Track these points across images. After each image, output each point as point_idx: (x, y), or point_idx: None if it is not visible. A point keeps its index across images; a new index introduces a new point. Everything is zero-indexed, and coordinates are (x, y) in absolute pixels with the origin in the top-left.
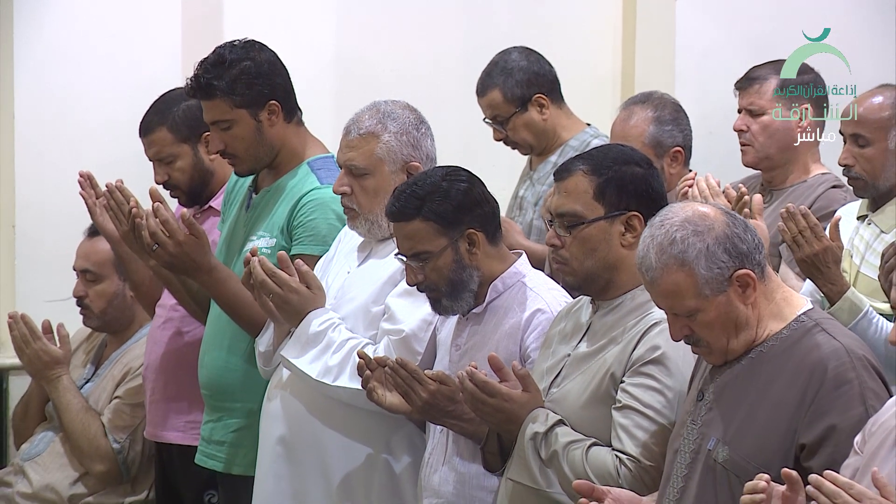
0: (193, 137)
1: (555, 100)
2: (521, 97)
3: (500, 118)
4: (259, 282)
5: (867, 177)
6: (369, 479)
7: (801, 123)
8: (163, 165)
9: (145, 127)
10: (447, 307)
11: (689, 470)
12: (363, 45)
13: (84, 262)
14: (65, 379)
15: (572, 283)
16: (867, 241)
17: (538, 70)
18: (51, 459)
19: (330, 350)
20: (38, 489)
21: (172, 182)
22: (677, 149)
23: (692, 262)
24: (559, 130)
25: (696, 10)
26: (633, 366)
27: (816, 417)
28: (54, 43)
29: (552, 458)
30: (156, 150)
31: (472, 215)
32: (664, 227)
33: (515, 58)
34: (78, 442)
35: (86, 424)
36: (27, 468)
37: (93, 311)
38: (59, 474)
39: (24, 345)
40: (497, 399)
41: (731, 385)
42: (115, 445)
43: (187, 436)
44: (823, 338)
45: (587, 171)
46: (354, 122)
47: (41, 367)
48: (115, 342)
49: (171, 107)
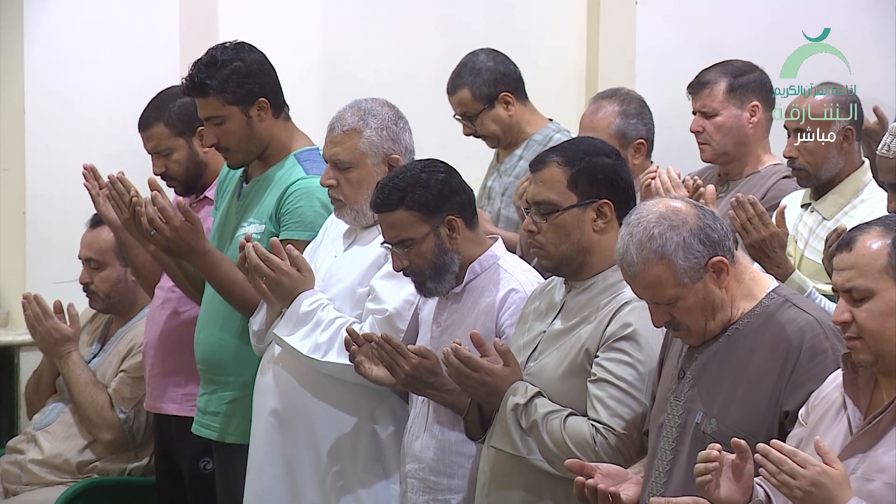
0: (188, 132)
1: (519, 97)
2: (489, 95)
3: (469, 115)
4: (253, 265)
5: (810, 168)
6: (355, 447)
7: (752, 119)
8: (160, 158)
9: (144, 122)
10: (431, 289)
11: (677, 444)
12: (346, 47)
13: (88, 251)
14: (74, 355)
15: (548, 265)
16: (810, 227)
17: (504, 70)
18: (61, 429)
19: (319, 328)
20: (49, 456)
21: (169, 173)
22: (640, 141)
23: (671, 255)
24: (524, 125)
25: (655, 14)
26: (607, 341)
27: (797, 386)
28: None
29: (532, 427)
30: (154, 144)
31: (450, 203)
32: (641, 223)
33: (483, 59)
34: (87, 413)
35: (94, 396)
36: (39, 437)
37: (98, 295)
38: (69, 442)
39: (36, 323)
40: (480, 373)
41: (711, 362)
42: (121, 416)
43: (184, 407)
44: (795, 312)
45: (561, 163)
46: (338, 119)
47: (52, 343)
48: (120, 321)
49: (167, 103)
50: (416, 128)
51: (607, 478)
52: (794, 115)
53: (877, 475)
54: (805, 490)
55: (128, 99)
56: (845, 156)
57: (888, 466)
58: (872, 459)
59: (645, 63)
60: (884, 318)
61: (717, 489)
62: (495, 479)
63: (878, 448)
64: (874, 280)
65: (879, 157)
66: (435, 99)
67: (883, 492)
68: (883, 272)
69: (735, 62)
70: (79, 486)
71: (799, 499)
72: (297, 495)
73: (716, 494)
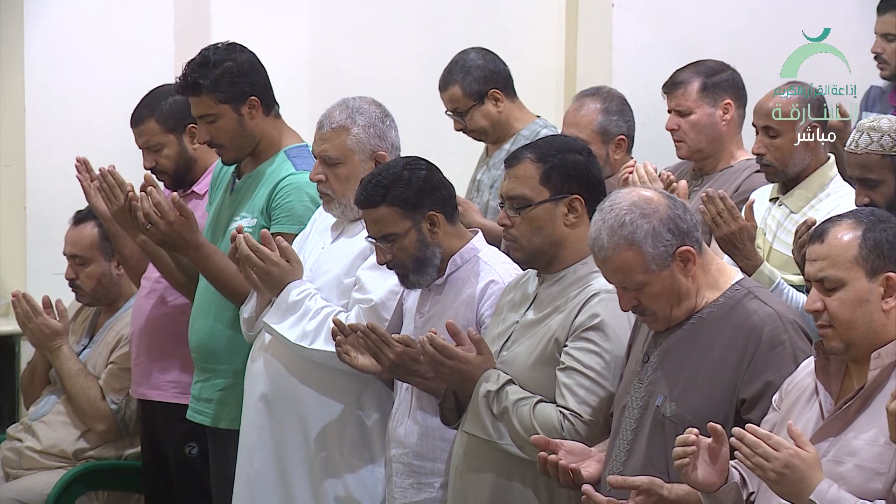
0: (179, 128)
1: (508, 94)
2: (479, 92)
3: (459, 111)
4: (244, 256)
5: (777, 164)
6: (342, 432)
7: (725, 117)
8: (151, 153)
9: (136, 118)
10: (414, 281)
11: (638, 424)
12: (334, 47)
13: (72, 247)
14: (65, 348)
15: (521, 258)
16: (778, 220)
17: (493, 68)
18: (56, 419)
19: (307, 317)
20: (47, 447)
21: (159, 168)
22: (621, 137)
23: (640, 242)
24: (512, 121)
25: (631, 15)
26: (576, 331)
27: (755, 375)
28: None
29: (503, 413)
30: (145, 139)
31: (431, 199)
32: (613, 210)
33: (473, 57)
34: (80, 404)
35: (86, 388)
36: (35, 427)
37: (84, 290)
38: (64, 432)
39: (26, 320)
40: (454, 361)
41: (675, 348)
42: (112, 406)
43: (168, 393)
44: (757, 304)
45: (534, 159)
46: (326, 116)
47: (43, 339)
48: (107, 313)
49: (159, 101)
50: (401, 124)
51: (570, 455)
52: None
53: (847, 458)
54: (778, 472)
55: (124, 97)
56: (811, 152)
57: (858, 450)
58: (843, 443)
59: (621, 62)
60: (854, 307)
61: (695, 472)
62: (468, 462)
63: (849, 432)
64: (845, 270)
65: (847, 153)
66: (420, 96)
67: (853, 474)
68: (853, 263)
69: (708, 62)
70: (76, 471)
71: (773, 480)
72: (285, 478)
73: (693, 477)
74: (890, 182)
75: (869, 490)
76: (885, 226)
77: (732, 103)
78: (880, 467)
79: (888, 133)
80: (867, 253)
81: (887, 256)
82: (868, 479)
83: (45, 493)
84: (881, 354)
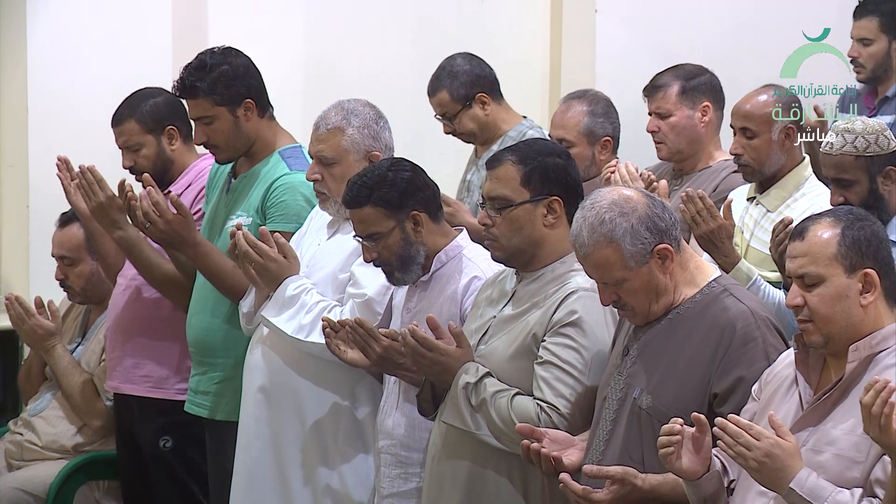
0: (158, 129)
1: (495, 97)
2: (466, 96)
3: (448, 114)
4: (242, 252)
5: (754, 164)
6: (336, 423)
7: (704, 119)
8: (130, 153)
9: (116, 118)
10: (399, 278)
11: (617, 415)
12: (328, 50)
13: (60, 249)
14: (59, 347)
15: (501, 257)
16: (756, 218)
17: (480, 73)
18: (53, 414)
19: (303, 311)
20: (47, 442)
21: (137, 167)
22: (607, 138)
23: (619, 239)
24: (499, 123)
25: (614, 20)
26: (553, 327)
27: (727, 370)
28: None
29: (481, 404)
30: (125, 139)
31: (415, 199)
32: (594, 208)
33: (460, 62)
34: (75, 401)
35: (80, 386)
36: (34, 422)
37: (74, 289)
38: (62, 427)
39: (20, 322)
40: (434, 353)
41: (653, 342)
42: (107, 403)
43: (142, 388)
44: (731, 301)
45: (515, 161)
46: (322, 118)
47: (37, 339)
48: (98, 310)
49: (140, 102)
50: (393, 125)
51: (554, 443)
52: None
53: (826, 447)
54: (759, 461)
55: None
56: (787, 153)
57: (836, 439)
58: (822, 433)
59: (604, 66)
60: (833, 303)
61: (679, 460)
62: (445, 451)
63: (828, 422)
64: (824, 267)
65: (822, 154)
66: (411, 98)
67: (831, 463)
68: (832, 260)
69: (686, 66)
70: (77, 461)
71: (754, 469)
72: (282, 467)
73: (677, 465)
74: (864, 182)
75: (847, 478)
76: (862, 224)
77: (711, 106)
78: (858, 456)
79: (862, 135)
80: (846, 250)
81: (865, 253)
82: (846, 467)
83: (47, 483)
84: (859, 348)
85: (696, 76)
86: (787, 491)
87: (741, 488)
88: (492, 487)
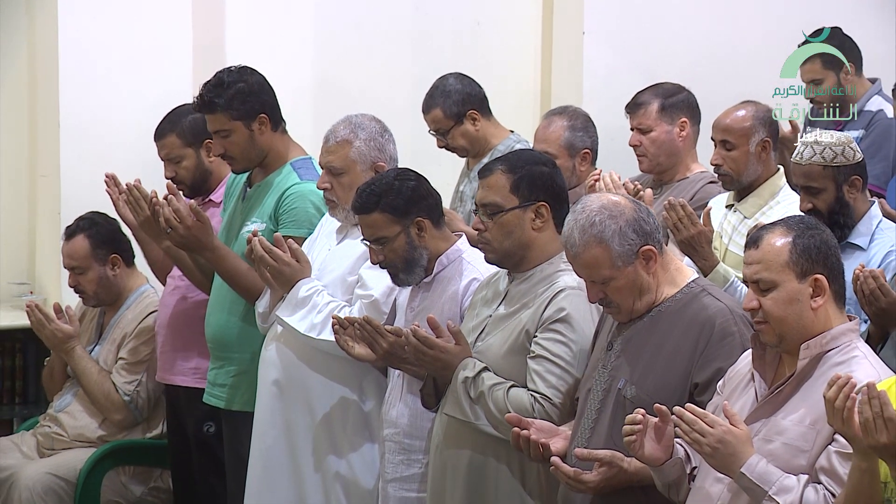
0: (197, 143)
1: (484, 114)
2: (458, 113)
3: (441, 130)
4: (259, 257)
5: (733, 174)
6: (345, 414)
7: (682, 133)
8: (171, 164)
9: (159, 133)
10: (403, 280)
11: (602, 405)
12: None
13: (69, 260)
14: (78, 349)
15: (493, 259)
16: (734, 224)
17: (470, 91)
18: (76, 410)
19: (315, 311)
20: (74, 435)
21: (178, 178)
22: (586, 150)
23: (608, 240)
24: (489, 138)
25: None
26: (544, 324)
27: (707, 362)
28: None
29: (480, 397)
30: (166, 152)
31: (419, 206)
32: (585, 212)
33: (452, 82)
34: (96, 398)
35: (100, 384)
36: (60, 418)
37: (88, 294)
38: (85, 421)
39: (41, 327)
40: (435, 350)
41: (636, 338)
42: (125, 398)
43: (190, 379)
44: (710, 300)
45: (505, 170)
46: (332, 131)
47: (57, 342)
48: (111, 311)
49: (180, 118)
50: (397, 137)
51: (541, 431)
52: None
53: (776, 437)
54: (713, 446)
55: (148, 114)
56: (763, 164)
57: (786, 429)
58: (773, 423)
59: (591, 84)
60: (786, 306)
61: (642, 448)
62: (447, 440)
63: (779, 414)
64: (777, 273)
65: (793, 164)
66: (412, 113)
67: (780, 451)
68: (784, 266)
69: (665, 85)
70: (105, 448)
71: (708, 454)
72: (294, 454)
73: (640, 453)
74: (831, 190)
75: (794, 465)
76: (813, 233)
77: (688, 121)
78: (804, 445)
79: (829, 147)
80: (797, 257)
81: (815, 260)
82: (793, 455)
83: (77, 469)
84: (810, 346)
85: (674, 94)
86: (739, 475)
87: (701, 474)
88: (491, 473)
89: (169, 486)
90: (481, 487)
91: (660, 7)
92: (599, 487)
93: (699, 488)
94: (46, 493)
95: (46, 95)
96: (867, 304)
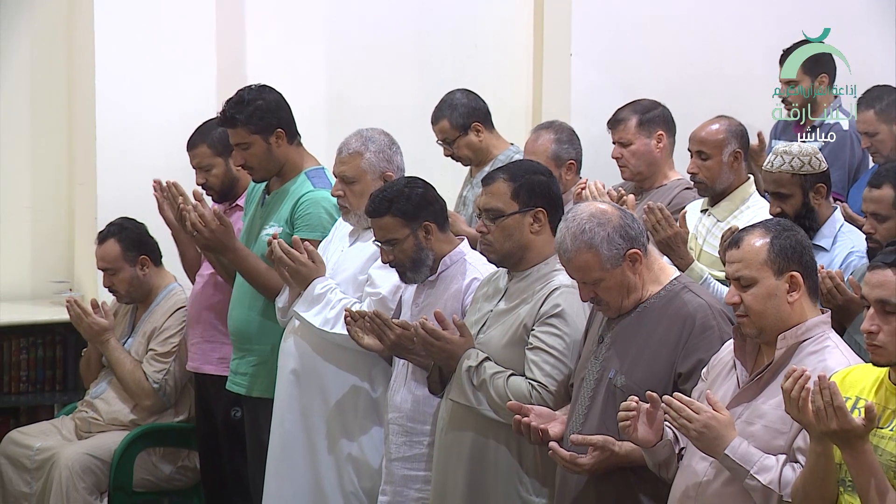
0: (226, 153)
1: (488, 126)
2: (463, 125)
3: (448, 140)
4: (278, 258)
5: (707, 181)
6: (355, 401)
7: (659, 145)
8: (202, 172)
9: (191, 143)
10: (410, 278)
11: (594, 393)
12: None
13: (102, 262)
14: (112, 341)
15: (495, 259)
16: (708, 227)
17: (475, 105)
18: (110, 396)
19: (329, 307)
20: (109, 420)
21: (208, 184)
22: (571, 161)
23: (598, 246)
24: (491, 148)
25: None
26: (541, 318)
27: (689, 353)
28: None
29: (482, 384)
30: (198, 161)
31: (427, 211)
32: (576, 220)
33: (458, 96)
34: (128, 386)
35: (132, 373)
36: (96, 403)
37: (120, 293)
38: (118, 406)
39: (79, 320)
40: (441, 342)
41: (624, 331)
42: (154, 385)
43: (218, 368)
44: (690, 297)
45: (506, 179)
46: (345, 144)
47: (93, 335)
48: (143, 307)
49: (210, 130)
50: (403, 148)
51: (539, 417)
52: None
53: (756, 420)
54: (698, 430)
55: (176, 128)
56: (735, 173)
57: (765, 413)
58: (754, 407)
59: (578, 101)
60: (764, 301)
61: (635, 432)
62: (452, 424)
63: (759, 399)
64: (757, 271)
65: (764, 171)
66: (418, 125)
67: (761, 433)
68: (763, 264)
69: (643, 101)
70: (138, 431)
71: (694, 438)
72: (310, 437)
73: (634, 436)
74: (798, 196)
75: (773, 446)
76: (789, 234)
77: (664, 134)
78: (783, 427)
79: (797, 156)
80: (775, 256)
81: (791, 258)
82: (773, 437)
83: (112, 449)
84: (786, 337)
85: (650, 110)
86: (723, 457)
87: (688, 454)
88: (492, 454)
89: (195, 466)
90: (483, 466)
91: (641, 31)
92: (593, 469)
93: (686, 466)
94: (84, 472)
95: (84, 111)
96: (825, 302)
